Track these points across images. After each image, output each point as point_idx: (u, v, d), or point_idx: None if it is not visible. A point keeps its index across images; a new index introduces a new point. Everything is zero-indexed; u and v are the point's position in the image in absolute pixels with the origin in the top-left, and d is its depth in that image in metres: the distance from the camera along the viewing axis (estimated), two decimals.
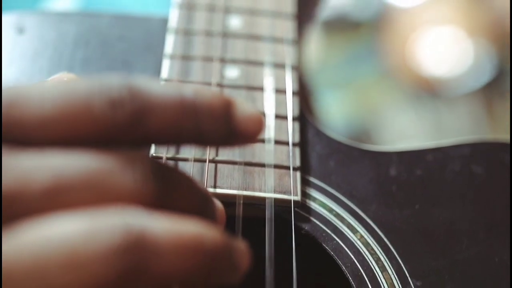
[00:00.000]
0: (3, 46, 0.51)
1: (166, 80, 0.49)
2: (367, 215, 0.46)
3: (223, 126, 0.32)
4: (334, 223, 0.45)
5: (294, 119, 0.49)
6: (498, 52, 1.70)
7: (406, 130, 1.67)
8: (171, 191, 0.31)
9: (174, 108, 0.31)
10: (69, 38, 0.52)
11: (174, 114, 0.31)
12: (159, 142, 0.32)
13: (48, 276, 0.27)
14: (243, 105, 0.33)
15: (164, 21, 0.54)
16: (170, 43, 0.52)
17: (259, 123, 0.33)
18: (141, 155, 0.30)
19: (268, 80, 0.51)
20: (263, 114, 0.48)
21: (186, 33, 0.53)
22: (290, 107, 0.49)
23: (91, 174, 0.29)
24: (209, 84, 0.50)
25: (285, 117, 0.49)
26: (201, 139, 0.32)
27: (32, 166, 0.28)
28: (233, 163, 0.46)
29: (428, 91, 1.69)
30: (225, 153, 0.46)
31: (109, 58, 0.52)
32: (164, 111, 0.30)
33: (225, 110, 0.32)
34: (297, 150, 0.47)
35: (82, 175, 0.29)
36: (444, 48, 1.75)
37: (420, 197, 0.47)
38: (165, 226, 0.28)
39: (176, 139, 0.32)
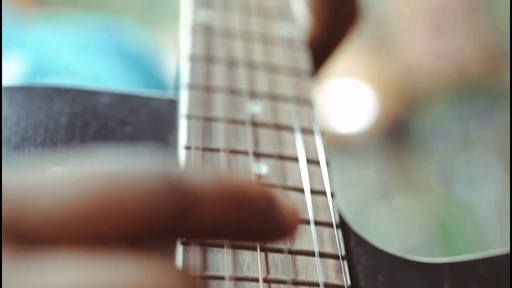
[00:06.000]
0: None
1: None
2: None
3: (269, 219, 0.27)
4: None
5: (337, 226, 0.43)
6: (403, 106, 1.71)
7: None
8: None
9: (218, 200, 0.26)
10: (62, 120, 0.44)
11: (219, 206, 0.26)
12: (198, 237, 0.28)
13: None
14: (280, 194, 0.28)
15: (172, 102, 0.47)
16: (184, 131, 0.45)
17: (298, 215, 0.29)
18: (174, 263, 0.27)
19: (304, 181, 0.44)
20: (307, 221, 0.42)
21: (202, 119, 0.46)
22: (334, 213, 0.43)
23: None
24: None
25: (326, 223, 0.43)
26: (245, 235, 0.27)
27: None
28: (281, 282, 0.39)
29: (336, 145, 1.68)
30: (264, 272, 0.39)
31: (111, 146, 0.44)
32: (208, 204, 0.25)
33: (269, 201, 0.27)
34: (345, 265, 0.41)
35: None
36: (348, 103, 1.74)
37: None
38: None
39: (218, 234, 0.27)
